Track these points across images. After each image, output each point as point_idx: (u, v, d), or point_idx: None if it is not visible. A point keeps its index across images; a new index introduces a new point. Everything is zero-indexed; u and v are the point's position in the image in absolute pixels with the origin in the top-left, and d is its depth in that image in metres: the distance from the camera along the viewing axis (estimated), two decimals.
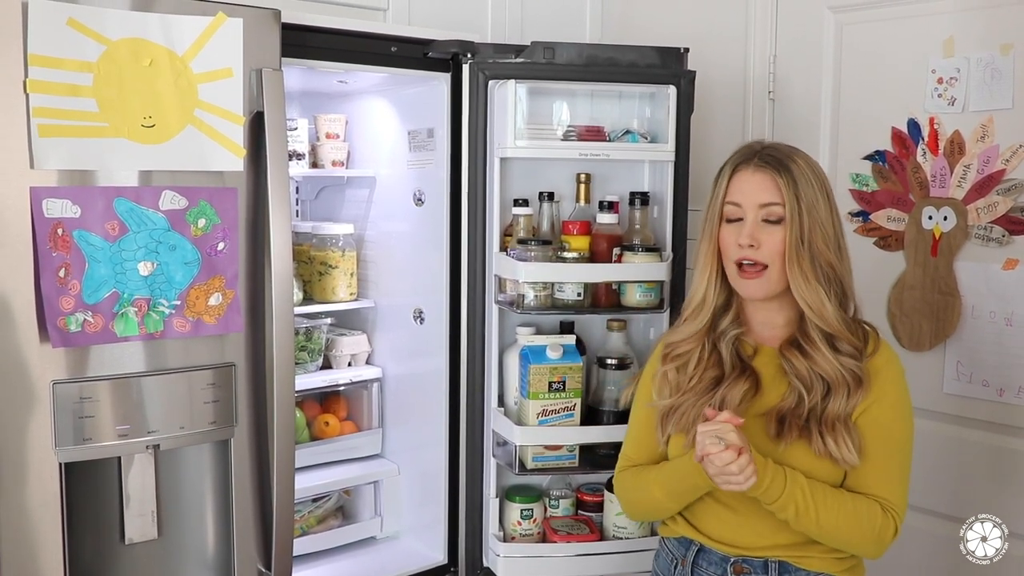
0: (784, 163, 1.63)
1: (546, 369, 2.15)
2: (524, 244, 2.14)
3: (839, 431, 1.58)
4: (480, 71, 2.17)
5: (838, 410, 1.59)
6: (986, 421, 2.17)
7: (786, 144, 1.70)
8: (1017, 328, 2.12)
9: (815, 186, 1.62)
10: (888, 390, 1.62)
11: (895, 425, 1.62)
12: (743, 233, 1.62)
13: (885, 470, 1.60)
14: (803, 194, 1.60)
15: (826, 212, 1.62)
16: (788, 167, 1.62)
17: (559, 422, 2.17)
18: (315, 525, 2.47)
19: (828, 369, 1.60)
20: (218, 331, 1.77)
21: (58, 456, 1.63)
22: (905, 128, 2.29)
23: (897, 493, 1.61)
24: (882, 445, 1.60)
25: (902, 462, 1.63)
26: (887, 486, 1.60)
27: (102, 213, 1.63)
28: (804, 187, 1.61)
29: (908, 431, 1.64)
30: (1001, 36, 2.11)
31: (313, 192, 2.82)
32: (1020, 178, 2.11)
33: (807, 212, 1.60)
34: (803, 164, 1.63)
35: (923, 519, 2.16)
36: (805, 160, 1.65)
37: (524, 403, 2.18)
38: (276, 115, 1.76)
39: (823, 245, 1.60)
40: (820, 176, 1.64)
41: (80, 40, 1.58)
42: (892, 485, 1.61)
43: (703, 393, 1.66)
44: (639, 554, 2.28)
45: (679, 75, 2.22)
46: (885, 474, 1.60)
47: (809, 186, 1.61)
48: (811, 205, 1.60)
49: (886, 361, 1.64)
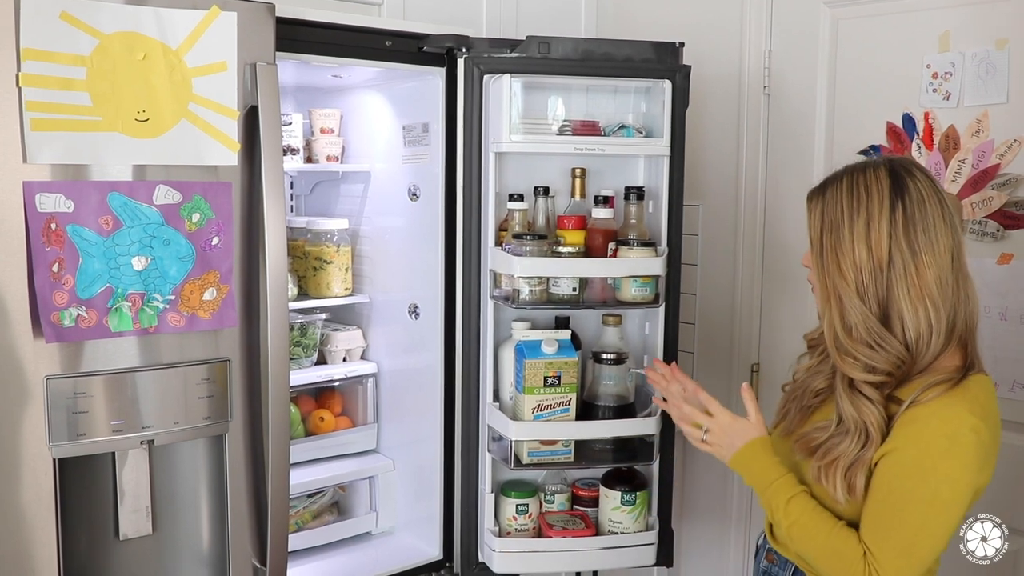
0: (825, 186, 1.58)
1: (541, 364, 2.14)
2: (519, 239, 2.13)
3: (836, 468, 1.52)
4: (475, 66, 2.16)
5: (844, 451, 1.52)
6: None
7: (870, 161, 1.59)
8: (1012, 323, 2.12)
9: (844, 209, 1.53)
10: (909, 446, 1.48)
11: (900, 482, 1.49)
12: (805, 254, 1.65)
13: (876, 524, 1.51)
14: (826, 217, 1.55)
15: (851, 237, 1.51)
16: (825, 189, 1.57)
17: (554, 417, 2.17)
18: (310, 521, 2.47)
19: (843, 408, 1.55)
20: (212, 326, 1.77)
21: (52, 452, 1.63)
22: (900, 123, 2.29)
23: (886, 551, 1.49)
24: (880, 496, 1.50)
25: (902, 523, 1.49)
26: (874, 540, 1.50)
27: (96, 208, 1.62)
28: (831, 208, 1.54)
29: (922, 497, 1.47)
30: (996, 31, 2.12)
31: (308, 187, 2.82)
32: (1015, 173, 2.11)
33: (828, 235, 1.54)
34: (844, 185, 1.55)
35: None
36: (854, 180, 1.54)
37: (519, 398, 2.18)
38: (271, 109, 1.75)
39: (839, 270, 1.53)
40: (861, 198, 1.52)
41: (73, 34, 1.57)
42: (880, 542, 1.49)
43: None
44: (634, 549, 2.28)
45: (674, 70, 2.22)
46: (877, 528, 1.51)
47: (836, 208, 1.53)
48: (833, 229, 1.54)
49: (928, 415, 1.48)
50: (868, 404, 1.52)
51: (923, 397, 1.49)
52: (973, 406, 1.48)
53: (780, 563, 1.71)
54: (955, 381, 1.50)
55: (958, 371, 1.52)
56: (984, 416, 1.49)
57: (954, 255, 1.52)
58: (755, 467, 1.66)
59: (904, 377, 1.53)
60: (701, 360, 2.81)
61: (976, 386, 1.52)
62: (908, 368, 1.52)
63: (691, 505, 2.87)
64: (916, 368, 1.53)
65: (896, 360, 1.52)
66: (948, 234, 1.52)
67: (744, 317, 2.72)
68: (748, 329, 2.71)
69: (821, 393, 1.68)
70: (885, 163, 1.56)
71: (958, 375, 1.51)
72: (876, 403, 1.52)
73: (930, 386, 1.49)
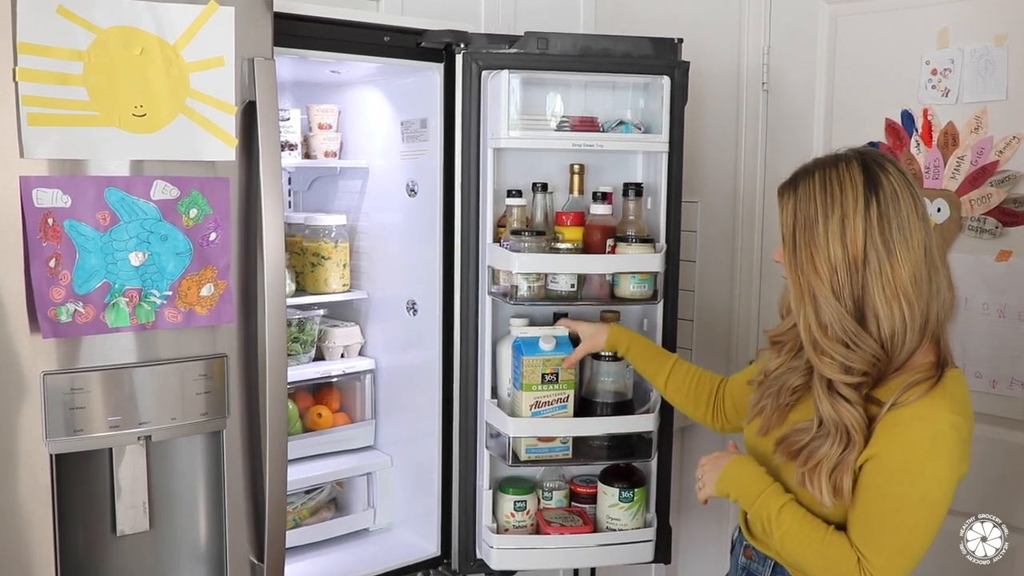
0: (796, 180, 1.56)
1: (539, 361, 2.14)
2: (517, 235, 2.13)
3: (820, 472, 1.51)
4: (473, 61, 2.16)
5: (827, 454, 1.51)
6: (979, 413, 2.16)
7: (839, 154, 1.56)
8: (1010, 320, 2.12)
9: (818, 205, 1.50)
10: (894, 449, 1.48)
11: (891, 487, 1.48)
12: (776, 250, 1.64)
13: (868, 530, 1.50)
14: (799, 214, 1.52)
15: (826, 234, 1.49)
16: (797, 184, 1.55)
17: (552, 414, 2.17)
18: (308, 517, 2.47)
19: (822, 410, 1.54)
20: (210, 322, 1.76)
21: (49, 447, 1.62)
22: (899, 119, 2.29)
23: (878, 555, 1.49)
24: (873, 505, 1.50)
25: (895, 527, 1.49)
26: (867, 545, 1.50)
27: (93, 203, 1.62)
28: (803, 206, 1.52)
29: (912, 499, 1.48)
30: (995, 27, 2.12)
31: (306, 183, 2.81)
32: (1013, 169, 2.11)
33: (801, 232, 1.52)
34: (817, 180, 1.52)
35: None
36: (827, 175, 1.52)
37: (517, 395, 2.17)
38: (269, 105, 1.75)
39: (813, 268, 1.50)
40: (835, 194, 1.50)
41: (70, 28, 1.56)
42: (874, 547, 1.50)
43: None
44: (632, 546, 2.28)
45: (673, 66, 2.22)
46: (869, 534, 1.50)
47: (810, 203, 1.51)
48: (806, 225, 1.51)
49: (912, 418, 1.47)
50: (847, 406, 1.51)
51: (904, 399, 1.48)
52: (952, 404, 1.49)
53: (759, 559, 1.71)
54: (934, 380, 1.49)
55: (933, 368, 1.52)
56: (962, 411, 1.50)
57: (926, 249, 1.50)
58: (743, 479, 1.65)
59: (880, 376, 1.53)
60: (699, 356, 2.81)
61: (952, 383, 1.52)
62: (884, 367, 1.52)
63: (689, 502, 2.87)
64: (892, 367, 1.52)
65: (871, 359, 1.51)
66: (921, 229, 1.50)
67: (742, 313, 2.72)
68: (746, 325, 2.71)
69: (798, 390, 1.67)
70: (857, 157, 1.54)
71: (935, 373, 1.51)
72: (855, 404, 1.51)
73: (910, 386, 1.49)
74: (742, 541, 1.77)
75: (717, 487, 1.69)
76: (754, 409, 1.75)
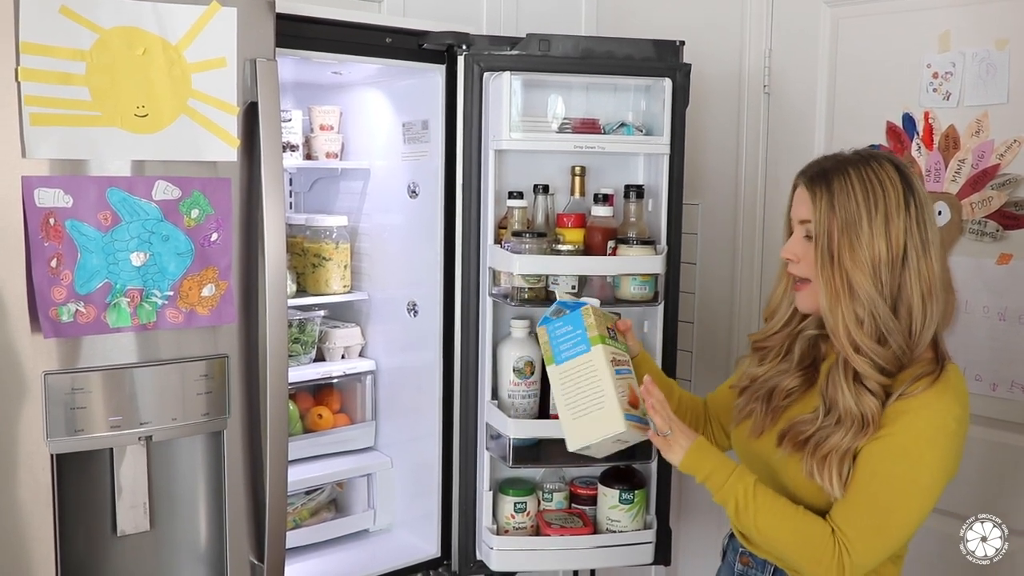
0: (828, 176, 1.56)
1: (602, 314, 2.09)
2: (519, 236, 2.13)
3: (831, 462, 1.52)
4: (475, 63, 2.16)
5: (838, 443, 1.52)
6: (980, 416, 2.17)
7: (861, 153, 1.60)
8: (1011, 323, 2.12)
9: (860, 202, 1.52)
10: (898, 433, 1.50)
11: (885, 466, 1.51)
12: (785, 247, 1.65)
13: (852, 501, 1.52)
14: (838, 210, 1.53)
15: (870, 231, 1.51)
16: (830, 181, 1.55)
17: (623, 376, 2.13)
18: (308, 518, 2.47)
19: (841, 401, 1.54)
20: (211, 322, 1.76)
21: (49, 447, 1.62)
22: (900, 122, 2.29)
23: (856, 528, 1.51)
24: (862, 479, 1.51)
25: (876, 504, 1.51)
26: (847, 517, 1.52)
27: (94, 203, 1.62)
28: (842, 203, 1.53)
29: (903, 481, 1.50)
30: (997, 31, 2.12)
31: (307, 184, 2.81)
32: (1014, 173, 2.11)
33: (841, 230, 1.53)
34: (856, 178, 1.54)
35: None
36: (865, 174, 1.54)
37: (576, 360, 2.11)
38: (270, 105, 1.75)
39: (855, 263, 1.52)
40: (877, 193, 1.52)
41: (73, 28, 1.57)
42: (853, 518, 1.51)
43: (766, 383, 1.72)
44: (632, 547, 2.28)
45: (675, 68, 2.22)
46: (851, 505, 1.52)
47: (850, 201, 1.52)
48: (848, 223, 1.52)
49: (920, 407, 1.50)
50: (871, 398, 1.53)
51: (911, 390, 1.51)
52: (957, 396, 1.54)
53: (757, 565, 1.70)
54: (937, 373, 1.53)
55: (934, 362, 1.55)
56: (964, 404, 1.55)
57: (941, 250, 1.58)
58: (711, 460, 1.65)
59: (900, 370, 1.55)
60: (699, 359, 2.81)
61: (954, 376, 1.56)
62: (906, 361, 1.55)
63: (689, 504, 2.87)
64: (911, 360, 1.55)
65: (900, 353, 1.54)
66: (937, 231, 1.57)
67: (743, 316, 2.71)
68: (747, 328, 2.71)
69: (792, 393, 1.68)
70: (887, 157, 1.58)
71: (937, 366, 1.54)
72: (877, 396, 1.53)
73: (917, 379, 1.52)
74: (735, 548, 1.76)
75: (684, 462, 1.66)
76: (742, 412, 1.75)
